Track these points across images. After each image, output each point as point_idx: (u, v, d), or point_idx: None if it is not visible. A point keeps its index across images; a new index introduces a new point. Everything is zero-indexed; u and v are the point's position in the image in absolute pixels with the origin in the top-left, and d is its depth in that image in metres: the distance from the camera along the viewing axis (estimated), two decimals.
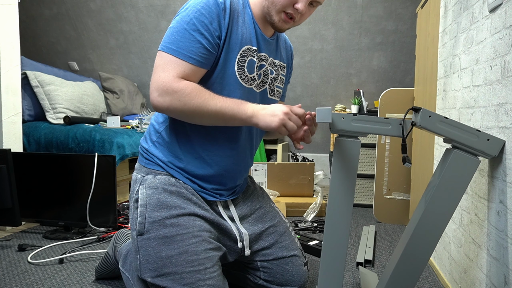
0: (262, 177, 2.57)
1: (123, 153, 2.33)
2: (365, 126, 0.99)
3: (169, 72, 0.97)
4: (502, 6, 0.96)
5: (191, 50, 0.98)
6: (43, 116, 2.66)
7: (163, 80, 0.96)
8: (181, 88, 0.96)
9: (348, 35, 3.15)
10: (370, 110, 2.92)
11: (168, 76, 0.97)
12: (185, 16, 0.98)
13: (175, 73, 0.97)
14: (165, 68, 0.97)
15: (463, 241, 1.22)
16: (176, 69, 0.97)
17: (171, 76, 0.97)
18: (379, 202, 2.32)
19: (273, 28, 1.09)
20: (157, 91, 0.97)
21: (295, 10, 1.02)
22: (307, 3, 1.02)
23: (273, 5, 1.03)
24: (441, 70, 1.55)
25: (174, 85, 0.96)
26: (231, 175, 1.15)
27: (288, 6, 1.02)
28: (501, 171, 0.95)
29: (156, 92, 0.97)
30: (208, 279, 0.99)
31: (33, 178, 1.96)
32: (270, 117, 0.96)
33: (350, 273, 1.51)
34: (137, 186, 1.10)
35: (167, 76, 0.97)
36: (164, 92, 0.96)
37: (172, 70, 0.97)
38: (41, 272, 1.47)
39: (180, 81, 0.97)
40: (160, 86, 0.96)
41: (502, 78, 0.95)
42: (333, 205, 1.02)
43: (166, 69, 0.97)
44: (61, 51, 3.84)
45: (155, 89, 0.97)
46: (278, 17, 1.04)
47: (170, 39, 0.99)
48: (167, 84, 0.96)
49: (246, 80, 1.08)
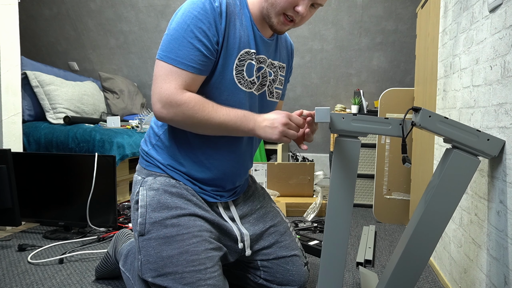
0: (262, 177, 2.57)
1: (123, 153, 2.33)
2: (365, 126, 0.99)
3: (171, 83, 0.96)
4: (502, 6, 0.96)
5: (191, 59, 0.96)
6: (43, 116, 2.66)
7: (166, 92, 0.96)
8: (184, 101, 0.96)
9: (348, 35, 3.15)
10: (370, 110, 2.92)
11: (171, 87, 0.96)
12: (182, 22, 0.97)
13: (177, 85, 0.96)
14: (166, 79, 0.96)
15: (463, 241, 1.22)
16: (178, 79, 0.96)
17: (174, 88, 0.96)
18: (379, 202, 2.32)
19: (272, 30, 1.07)
20: (160, 102, 0.97)
21: (296, 13, 1.00)
22: (308, 6, 0.99)
23: (272, 7, 1.00)
24: (441, 70, 1.56)
25: (178, 98, 0.95)
26: (231, 178, 1.15)
27: (289, 8, 0.99)
28: (501, 171, 0.95)
29: (159, 103, 0.97)
30: (209, 279, 0.99)
31: (33, 178, 1.96)
32: (270, 129, 0.98)
33: (350, 273, 1.51)
34: (137, 188, 1.10)
35: (170, 88, 0.96)
36: (167, 105, 0.96)
37: (174, 81, 0.96)
38: (41, 272, 1.47)
39: (183, 93, 0.96)
40: (163, 98, 0.96)
41: (502, 78, 0.95)
42: (333, 205, 1.02)
43: (167, 80, 0.96)
44: (61, 51, 3.84)
45: (158, 100, 0.97)
46: (277, 19, 1.02)
47: (168, 47, 0.97)
48: (170, 97, 0.96)
49: (245, 84, 1.07)
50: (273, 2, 1.00)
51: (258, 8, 1.06)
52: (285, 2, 0.98)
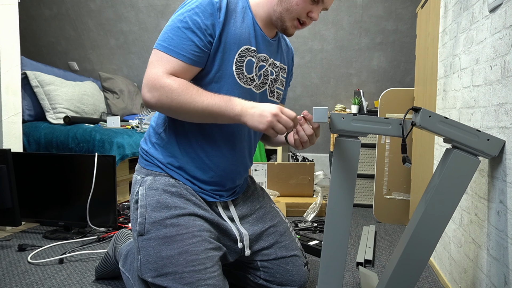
0: (262, 177, 2.57)
1: (123, 153, 2.33)
2: (365, 126, 0.99)
3: (159, 68, 0.98)
4: (502, 6, 0.96)
5: (182, 48, 0.98)
6: (43, 116, 2.66)
7: (152, 76, 0.97)
8: (168, 84, 0.96)
9: (348, 35, 3.15)
10: (370, 110, 2.92)
11: (158, 72, 0.98)
12: (179, 14, 1.00)
13: (165, 70, 0.98)
14: (156, 65, 0.99)
15: (463, 241, 1.22)
16: (166, 65, 0.98)
17: (160, 72, 0.98)
18: (379, 202, 2.32)
19: (283, 32, 1.11)
20: (147, 86, 0.98)
21: (309, 18, 1.07)
22: (320, 11, 1.06)
23: (287, 12, 1.05)
24: (441, 70, 1.56)
25: (162, 81, 0.96)
26: (230, 176, 1.15)
27: (303, 14, 1.05)
28: (501, 171, 0.95)
29: (146, 87, 0.99)
30: (209, 279, 0.99)
31: (33, 178, 1.96)
32: (258, 118, 0.93)
33: (350, 273, 1.51)
34: (137, 187, 1.10)
35: (157, 72, 0.98)
36: (152, 88, 0.97)
37: (162, 66, 0.98)
38: (41, 272, 1.47)
39: (168, 77, 0.97)
40: (150, 82, 0.98)
41: (502, 78, 0.95)
42: (333, 205, 1.02)
43: (156, 65, 0.98)
44: (61, 51, 3.84)
45: (145, 84, 0.99)
46: (291, 23, 1.08)
47: (163, 36, 1.00)
48: (155, 80, 0.97)
49: (244, 80, 1.08)
50: (288, 8, 1.05)
51: (264, 9, 1.09)
52: (301, 9, 1.04)
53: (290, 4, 1.04)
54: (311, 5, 1.04)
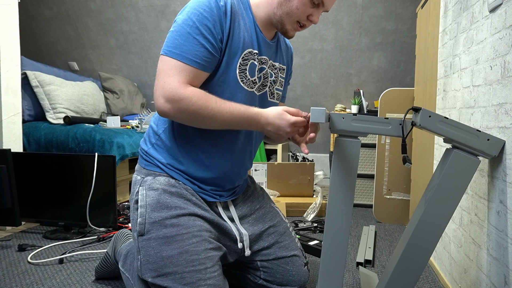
0: (262, 177, 2.57)
1: (123, 153, 2.33)
2: (365, 126, 0.99)
3: (175, 77, 0.96)
4: (502, 6, 0.96)
5: (196, 54, 0.97)
6: (43, 116, 2.66)
7: (169, 86, 0.95)
8: (187, 95, 0.95)
9: (348, 35, 3.15)
10: (370, 110, 2.92)
11: (174, 82, 0.95)
12: (187, 19, 0.97)
13: (181, 79, 0.96)
14: (170, 74, 0.96)
15: (463, 241, 1.22)
16: (182, 74, 0.96)
17: (177, 82, 0.95)
18: (379, 202, 2.32)
19: (284, 35, 1.11)
20: (163, 97, 0.96)
21: (309, 21, 1.08)
22: (320, 15, 1.07)
23: (288, 15, 1.05)
24: (441, 70, 1.55)
25: (180, 92, 0.95)
26: (230, 177, 1.15)
27: (303, 17, 1.06)
28: (501, 171, 0.95)
29: (162, 98, 0.96)
30: (209, 279, 0.99)
31: (33, 178, 1.96)
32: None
33: (350, 273, 1.51)
34: (137, 188, 1.10)
35: (173, 82, 0.95)
36: (170, 99, 0.95)
37: (178, 75, 0.96)
38: (41, 272, 1.47)
39: (186, 88, 0.96)
40: (167, 92, 0.95)
41: (502, 78, 0.95)
42: (333, 205, 1.02)
43: (171, 74, 0.96)
44: (61, 51, 3.84)
45: (161, 95, 0.96)
46: (292, 26, 1.08)
47: (173, 43, 0.97)
48: (173, 91, 0.95)
49: (247, 83, 1.08)
50: (288, 11, 1.05)
51: (264, 11, 1.09)
52: (301, 12, 1.05)
53: (290, 7, 1.04)
54: (311, 8, 1.04)
